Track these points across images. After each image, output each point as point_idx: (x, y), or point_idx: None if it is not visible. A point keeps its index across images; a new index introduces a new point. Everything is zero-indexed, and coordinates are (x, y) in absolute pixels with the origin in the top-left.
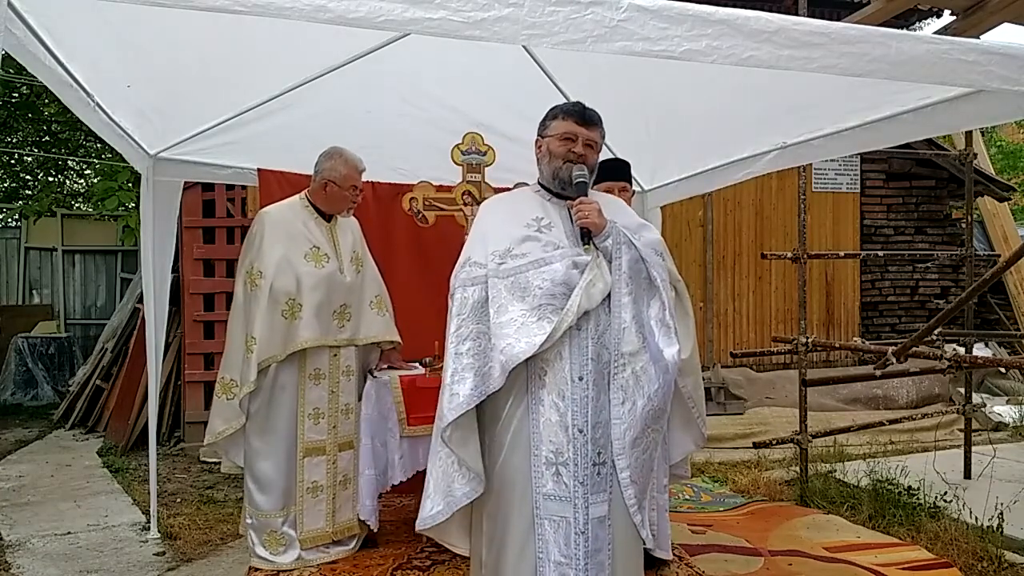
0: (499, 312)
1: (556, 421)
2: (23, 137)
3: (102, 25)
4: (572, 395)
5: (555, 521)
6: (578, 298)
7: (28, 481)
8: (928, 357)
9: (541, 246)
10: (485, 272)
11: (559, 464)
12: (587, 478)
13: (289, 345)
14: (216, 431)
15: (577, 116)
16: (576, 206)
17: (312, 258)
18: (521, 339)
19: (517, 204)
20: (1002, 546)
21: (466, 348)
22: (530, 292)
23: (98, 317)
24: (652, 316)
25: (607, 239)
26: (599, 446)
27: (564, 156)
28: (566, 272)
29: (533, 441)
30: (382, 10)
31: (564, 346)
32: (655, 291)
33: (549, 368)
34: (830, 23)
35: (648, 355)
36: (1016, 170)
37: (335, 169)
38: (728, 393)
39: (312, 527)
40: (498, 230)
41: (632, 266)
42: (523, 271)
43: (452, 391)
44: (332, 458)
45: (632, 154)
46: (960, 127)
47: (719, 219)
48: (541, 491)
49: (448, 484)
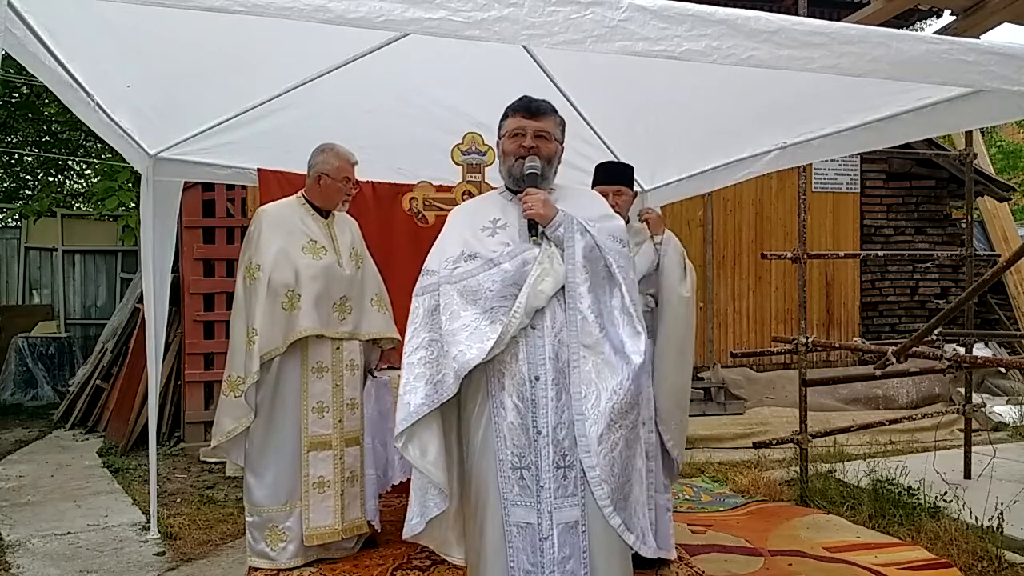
0: (451, 318)
1: (518, 424)
2: (23, 137)
3: (102, 25)
4: (530, 396)
5: (522, 528)
6: (525, 297)
7: (28, 481)
8: (928, 357)
9: (491, 248)
10: (436, 280)
11: (522, 468)
12: (549, 482)
13: (289, 335)
14: (226, 430)
15: (523, 109)
16: (523, 198)
17: (310, 251)
18: (473, 345)
19: (479, 208)
20: (1002, 546)
21: (418, 357)
22: (481, 295)
23: (98, 317)
24: (614, 306)
25: (557, 228)
26: (563, 448)
27: (515, 152)
28: (516, 272)
29: (497, 446)
30: (382, 10)
31: (519, 346)
32: (615, 280)
33: (507, 370)
34: (830, 23)
35: (609, 346)
36: (1016, 170)
37: (327, 162)
38: (728, 393)
39: (320, 524)
40: (454, 236)
41: (588, 254)
42: (474, 274)
43: (404, 401)
44: (339, 453)
45: (632, 154)
46: (960, 127)
47: (719, 219)
48: (508, 497)
49: (423, 495)
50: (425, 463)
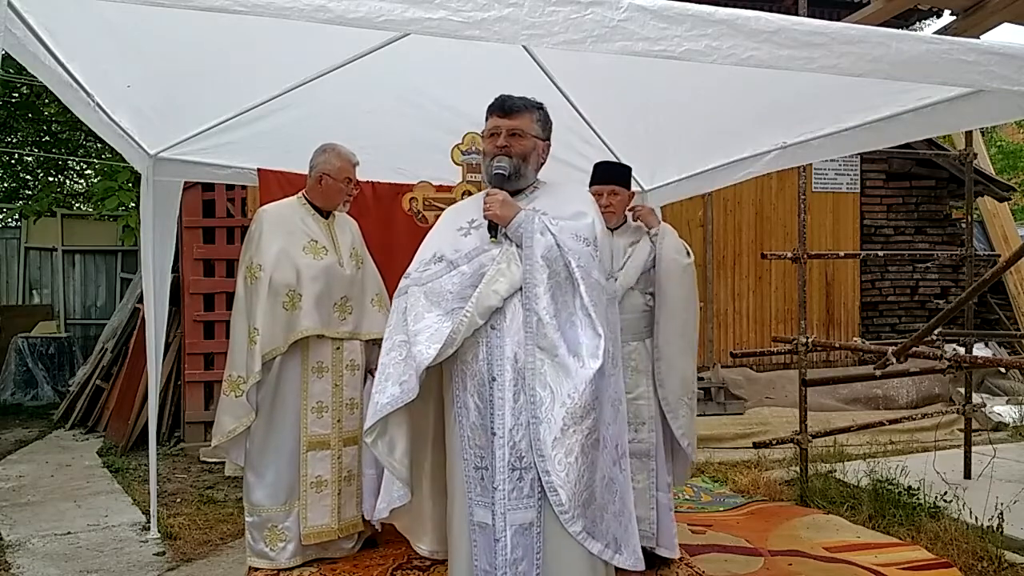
0: (415, 319)
1: (479, 424)
2: (23, 137)
3: (102, 25)
4: (488, 397)
5: (482, 527)
6: (476, 297)
7: (28, 481)
8: (928, 357)
9: (456, 249)
10: (408, 283)
11: (482, 469)
12: (504, 483)
13: (291, 335)
14: (226, 430)
15: (497, 109)
16: (485, 199)
17: (310, 250)
18: (431, 345)
19: (461, 209)
20: (1002, 546)
21: (390, 358)
22: (443, 297)
23: (98, 317)
24: (576, 307)
25: (517, 228)
26: (519, 451)
27: (490, 152)
28: (473, 274)
29: (462, 445)
30: (382, 10)
31: (480, 346)
32: (574, 281)
33: (468, 370)
34: (830, 23)
35: (564, 349)
36: (1016, 170)
37: (329, 162)
38: (728, 393)
39: (317, 523)
40: (433, 239)
41: (546, 254)
42: (437, 276)
43: (374, 400)
44: (337, 453)
45: (632, 154)
46: (960, 127)
47: (719, 219)
48: (472, 497)
49: (391, 485)
50: (391, 459)
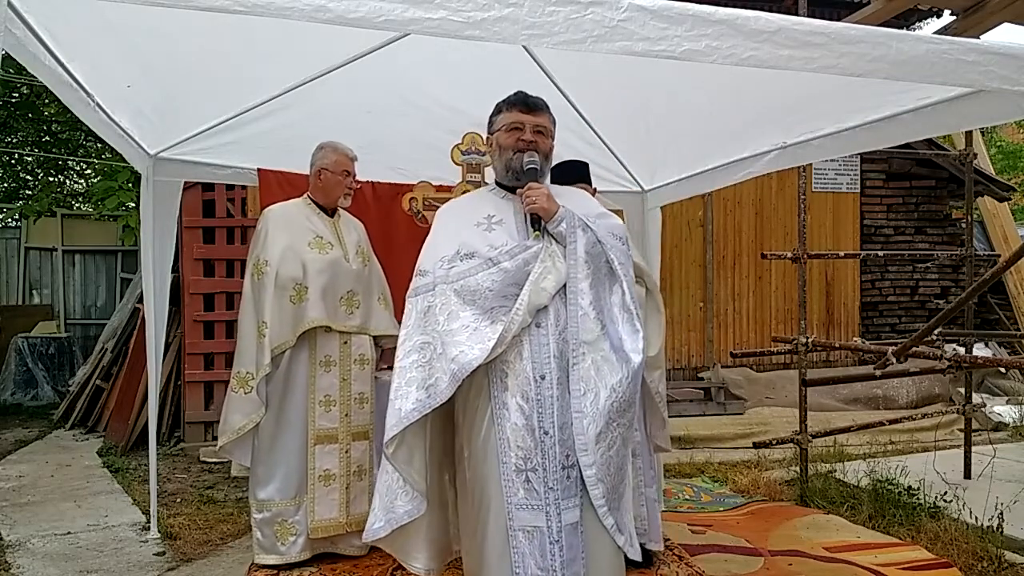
0: (450, 319)
1: (523, 425)
2: (23, 137)
3: (102, 25)
4: (536, 396)
5: (529, 532)
6: (527, 295)
7: (28, 481)
8: (928, 357)
9: (489, 245)
10: (431, 280)
11: (528, 471)
12: (557, 483)
13: (298, 327)
14: (235, 427)
15: (521, 104)
16: (524, 192)
17: (316, 246)
18: (474, 346)
19: (470, 205)
20: (1002, 546)
21: (410, 361)
22: (480, 295)
23: (98, 317)
24: (614, 303)
25: (560, 224)
26: (567, 448)
27: (514, 146)
28: (516, 271)
29: (501, 448)
30: (382, 10)
31: (524, 345)
32: (616, 277)
33: (510, 370)
34: (830, 23)
35: (608, 344)
36: (1016, 170)
37: (325, 156)
38: (728, 393)
39: (324, 517)
40: (447, 235)
41: (589, 250)
42: (472, 274)
43: (395, 407)
44: (345, 447)
45: (632, 154)
46: (960, 127)
47: (719, 219)
48: (513, 501)
49: (391, 500)
50: (410, 470)
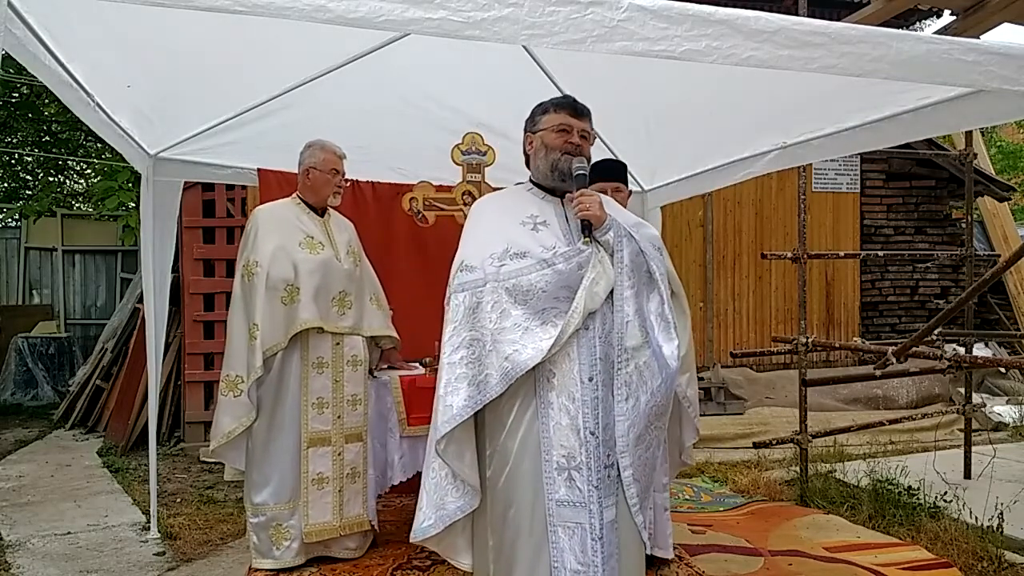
0: (502, 317)
1: (567, 424)
2: (23, 137)
3: (102, 25)
4: (582, 397)
5: (570, 528)
6: (582, 299)
7: (28, 481)
8: (928, 357)
9: (542, 246)
10: (481, 276)
11: (572, 469)
12: (601, 481)
13: (290, 328)
14: (225, 431)
15: (569, 108)
16: (577, 198)
17: (307, 246)
18: (528, 345)
19: (511, 203)
20: (1002, 546)
21: (459, 357)
22: (533, 295)
23: (98, 317)
24: (652, 311)
25: (608, 232)
26: (608, 448)
27: (562, 148)
28: (570, 274)
29: (543, 446)
30: (382, 10)
31: (572, 347)
32: (654, 285)
33: (557, 370)
34: (830, 23)
35: (650, 350)
36: (1016, 170)
37: (313, 155)
38: (728, 393)
39: (318, 520)
40: (493, 231)
41: (633, 259)
42: (525, 273)
43: (446, 402)
44: (338, 449)
45: (632, 154)
46: (960, 127)
47: (719, 219)
48: (554, 497)
49: (441, 497)
50: (462, 465)
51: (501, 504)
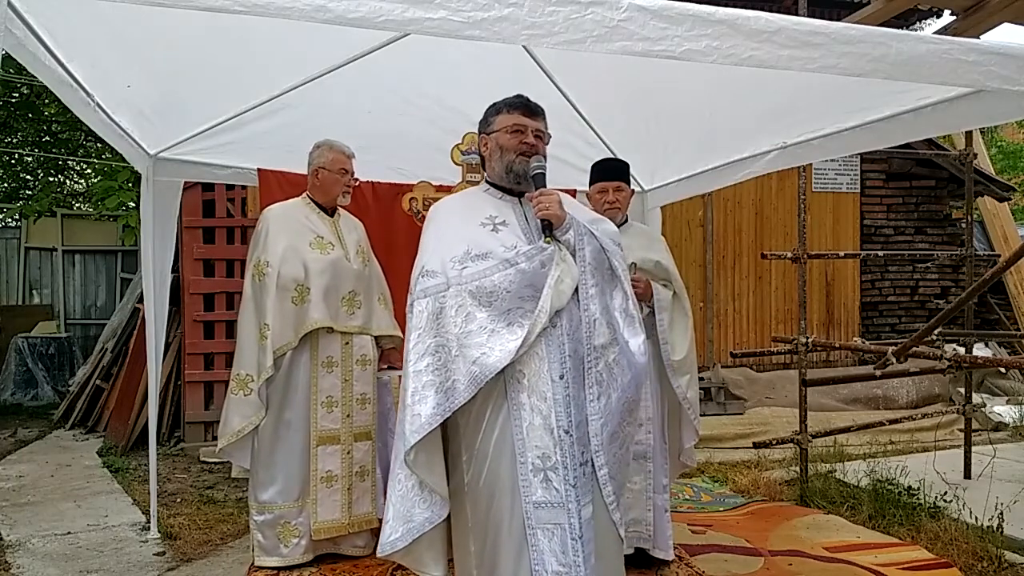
0: (467, 320)
1: (540, 424)
2: (23, 137)
3: (102, 25)
4: (554, 395)
5: (548, 530)
6: (548, 298)
7: (28, 481)
8: (928, 357)
9: (501, 246)
10: (443, 280)
11: (547, 469)
12: (577, 480)
13: (301, 328)
14: (235, 429)
15: (523, 108)
16: (536, 198)
17: (317, 246)
18: (495, 347)
19: (468, 204)
20: (1002, 546)
21: (424, 364)
22: (497, 296)
23: (98, 317)
24: (616, 307)
25: (568, 231)
26: (583, 446)
27: (516, 148)
28: (533, 273)
29: (518, 448)
30: (382, 10)
31: (540, 346)
32: (616, 281)
33: (527, 370)
34: (830, 23)
35: (619, 347)
36: (1016, 170)
37: (322, 155)
38: (728, 393)
39: (327, 518)
40: (452, 234)
41: (595, 256)
42: (488, 275)
43: (414, 412)
44: (347, 448)
45: (632, 154)
46: (960, 127)
47: (719, 219)
48: (531, 500)
49: (408, 509)
50: (432, 476)
51: (481, 509)
